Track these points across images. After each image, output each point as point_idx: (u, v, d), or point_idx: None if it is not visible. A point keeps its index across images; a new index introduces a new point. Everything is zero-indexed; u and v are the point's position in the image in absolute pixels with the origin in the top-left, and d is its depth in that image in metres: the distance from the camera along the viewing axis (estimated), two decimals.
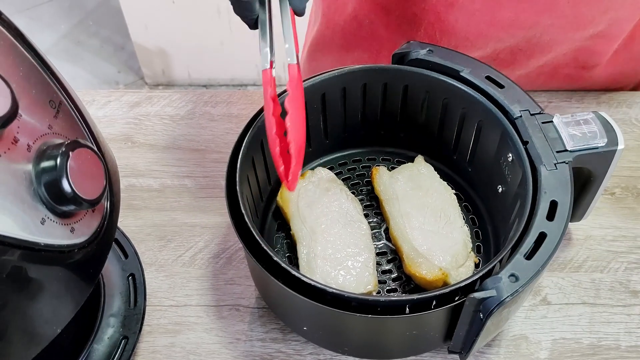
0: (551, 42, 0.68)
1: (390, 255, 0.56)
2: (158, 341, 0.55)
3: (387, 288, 0.54)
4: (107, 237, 0.41)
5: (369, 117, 0.61)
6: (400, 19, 0.69)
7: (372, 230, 0.57)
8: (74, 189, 0.35)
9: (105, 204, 0.42)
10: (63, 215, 0.36)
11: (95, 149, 0.39)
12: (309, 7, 0.51)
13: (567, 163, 0.47)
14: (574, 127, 0.48)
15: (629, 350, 0.53)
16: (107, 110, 0.73)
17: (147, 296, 0.56)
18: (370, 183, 0.60)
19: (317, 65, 0.80)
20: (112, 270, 0.56)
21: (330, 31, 0.76)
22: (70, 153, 0.36)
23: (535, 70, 0.72)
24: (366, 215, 0.58)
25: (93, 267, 0.40)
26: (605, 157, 0.48)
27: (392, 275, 0.55)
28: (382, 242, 0.57)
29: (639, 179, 0.65)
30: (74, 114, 0.40)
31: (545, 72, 0.73)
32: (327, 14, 0.76)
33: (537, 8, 0.63)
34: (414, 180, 0.58)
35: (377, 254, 0.56)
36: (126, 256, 0.58)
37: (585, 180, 0.51)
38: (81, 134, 0.40)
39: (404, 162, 0.61)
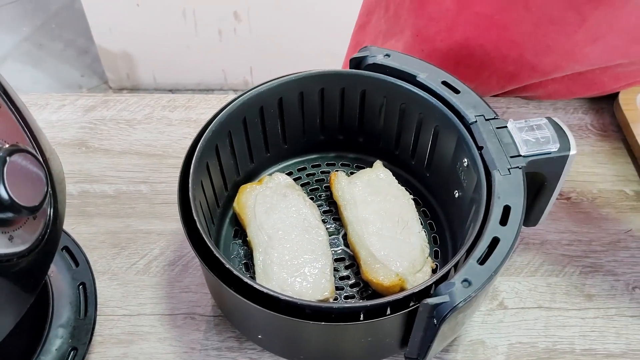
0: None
1: (349, 262, 0.56)
2: (110, 352, 0.53)
3: (345, 294, 0.54)
4: (50, 245, 0.40)
5: (328, 122, 0.60)
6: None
7: (330, 236, 0.56)
8: (11, 195, 0.34)
9: (48, 210, 0.40)
10: (0, 223, 0.35)
11: (37, 153, 0.38)
12: None
13: (520, 168, 0.47)
14: (527, 132, 0.49)
15: (584, 353, 0.54)
16: (60, 114, 0.72)
17: (98, 305, 0.55)
18: (329, 188, 0.60)
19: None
20: (61, 279, 0.54)
21: (420, 39, 0.70)
22: (8, 158, 0.34)
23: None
24: (325, 221, 0.57)
25: (34, 276, 0.39)
26: (558, 162, 0.49)
27: (350, 282, 0.54)
28: (341, 248, 0.56)
29: (594, 183, 0.66)
30: (14, 117, 0.39)
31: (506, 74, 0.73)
32: (418, 25, 0.70)
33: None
34: (372, 186, 0.58)
35: (335, 260, 0.55)
36: (77, 264, 0.56)
37: (539, 185, 0.52)
38: (22, 139, 0.39)
39: (363, 167, 0.61)
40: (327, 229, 0.56)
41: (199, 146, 0.50)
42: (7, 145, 0.35)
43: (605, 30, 0.60)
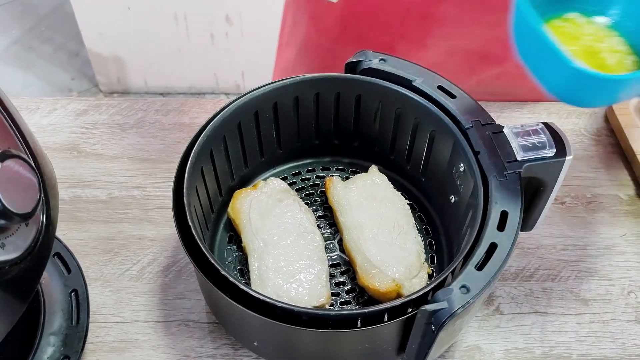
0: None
1: (344, 267, 0.55)
2: None
3: (341, 300, 0.53)
4: (42, 252, 0.39)
5: (323, 127, 0.60)
6: (389, 16, 0.68)
7: (325, 241, 0.56)
8: (3, 202, 0.33)
9: (41, 217, 0.39)
10: None
11: (30, 159, 0.37)
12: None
13: (517, 173, 0.47)
14: (523, 137, 0.49)
15: (580, 359, 0.53)
16: (52, 118, 0.71)
17: (91, 313, 0.54)
18: (324, 193, 0.60)
19: (307, 69, 0.78)
20: (53, 286, 0.54)
21: (318, 34, 0.75)
22: (0, 164, 0.34)
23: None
24: (320, 226, 0.57)
25: (27, 284, 0.38)
26: (555, 166, 0.49)
27: (346, 287, 0.54)
28: (336, 253, 0.56)
29: (588, 188, 0.66)
30: (5, 122, 0.38)
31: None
32: (314, 17, 0.74)
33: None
34: (367, 191, 0.58)
35: (331, 266, 0.55)
36: (69, 271, 0.55)
37: (535, 190, 0.52)
38: (14, 144, 0.38)
39: (358, 172, 0.61)
40: (322, 234, 0.56)
41: (193, 151, 0.50)
42: None
43: None
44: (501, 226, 0.45)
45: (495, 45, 0.68)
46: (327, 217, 0.58)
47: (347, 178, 0.60)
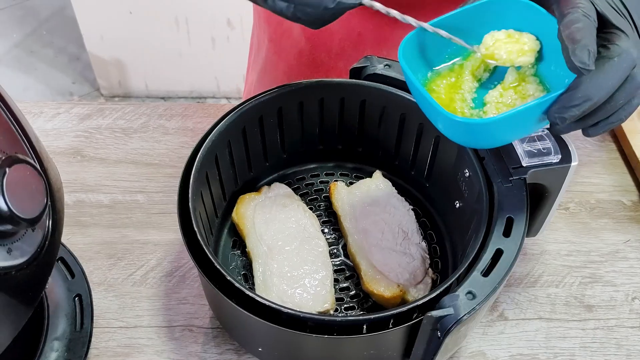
0: None
1: (348, 272, 0.55)
2: None
3: (345, 306, 0.53)
4: (48, 257, 0.39)
5: (327, 132, 0.60)
6: (344, 41, 0.69)
7: (330, 246, 0.56)
8: (11, 207, 0.33)
9: (47, 222, 0.39)
10: None
11: (36, 164, 0.37)
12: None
13: (522, 179, 0.47)
14: (528, 143, 0.49)
15: None
16: (55, 122, 0.71)
17: (94, 318, 0.54)
18: (328, 198, 0.60)
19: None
20: (57, 291, 0.53)
21: (277, 57, 0.74)
22: (7, 169, 0.34)
23: None
24: (324, 232, 0.57)
25: (33, 289, 0.38)
26: (560, 172, 0.49)
27: (350, 293, 0.54)
28: (340, 258, 0.56)
29: (592, 193, 0.66)
30: (13, 127, 0.38)
31: None
32: (273, 39, 0.74)
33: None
34: (371, 196, 0.58)
35: (335, 271, 0.55)
36: (73, 276, 0.55)
37: (540, 195, 0.52)
38: (21, 149, 0.38)
39: (362, 177, 0.61)
40: (326, 239, 0.56)
41: (198, 156, 0.50)
42: (5, 156, 0.34)
43: None
44: (507, 232, 0.45)
45: None
46: (331, 222, 0.58)
47: (351, 183, 0.60)
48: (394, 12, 0.42)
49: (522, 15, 0.42)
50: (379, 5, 0.42)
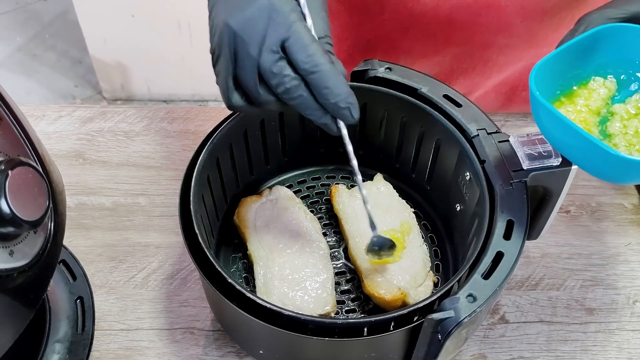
0: (507, 62, 0.69)
1: (349, 275, 0.55)
2: None
3: (346, 308, 0.53)
4: (50, 259, 0.39)
5: (328, 135, 0.60)
6: (353, 47, 0.69)
7: (331, 249, 0.56)
8: (13, 209, 0.33)
9: (49, 224, 0.40)
10: (1, 238, 0.34)
11: (39, 167, 0.37)
12: None
13: (523, 182, 0.47)
14: (529, 146, 0.49)
15: None
16: (57, 125, 0.71)
17: (96, 320, 0.54)
18: (329, 201, 0.60)
19: None
20: (58, 293, 0.54)
21: None
22: (10, 172, 0.34)
23: (493, 90, 0.73)
24: (325, 234, 0.57)
25: (34, 291, 0.38)
26: (561, 175, 0.49)
27: (351, 295, 0.54)
28: (341, 261, 0.56)
29: (593, 197, 0.66)
30: (15, 130, 0.38)
31: (502, 93, 0.74)
32: None
33: (491, 29, 0.64)
34: (373, 199, 0.57)
35: (336, 274, 0.55)
36: (74, 278, 0.55)
37: (541, 198, 0.52)
38: (23, 152, 0.38)
39: (363, 180, 0.60)
40: (327, 242, 0.56)
41: (200, 159, 0.50)
42: (8, 159, 0.34)
43: None
44: (507, 235, 0.45)
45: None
46: (333, 225, 0.58)
47: (352, 186, 0.60)
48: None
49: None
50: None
